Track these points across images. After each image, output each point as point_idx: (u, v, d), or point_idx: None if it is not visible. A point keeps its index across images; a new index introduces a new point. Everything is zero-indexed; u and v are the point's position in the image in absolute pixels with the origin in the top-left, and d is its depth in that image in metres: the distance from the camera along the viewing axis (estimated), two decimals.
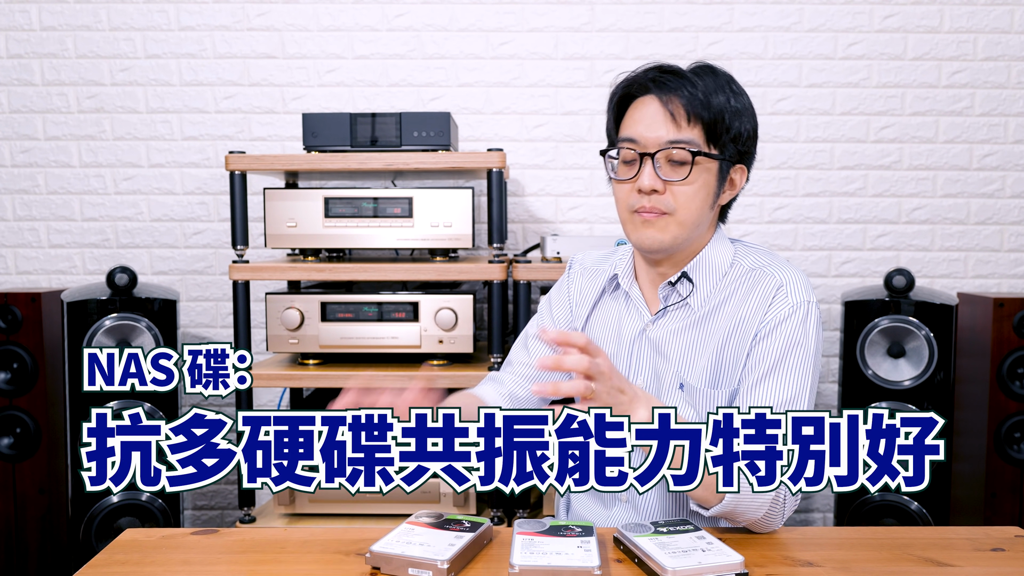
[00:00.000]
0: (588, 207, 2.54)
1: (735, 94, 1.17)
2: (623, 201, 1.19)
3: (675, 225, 1.16)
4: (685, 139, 1.14)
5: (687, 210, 1.16)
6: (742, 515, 1.08)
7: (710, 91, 1.15)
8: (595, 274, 1.35)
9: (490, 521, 1.08)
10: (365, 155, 1.97)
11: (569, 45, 2.50)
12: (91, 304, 2.10)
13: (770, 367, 1.15)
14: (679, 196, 1.15)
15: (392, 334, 2.01)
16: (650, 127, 1.15)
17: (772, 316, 1.16)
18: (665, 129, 1.14)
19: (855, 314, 2.15)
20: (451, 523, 1.04)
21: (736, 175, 1.21)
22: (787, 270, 1.20)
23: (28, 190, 2.54)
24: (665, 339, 1.22)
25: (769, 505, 1.07)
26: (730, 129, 1.16)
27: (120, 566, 1.00)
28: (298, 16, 2.49)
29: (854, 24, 2.48)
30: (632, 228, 1.19)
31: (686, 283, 1.23)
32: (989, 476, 2.19)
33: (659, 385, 1.23)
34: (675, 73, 1.16)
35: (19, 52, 2.50)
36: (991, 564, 1.01)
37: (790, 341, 1.15)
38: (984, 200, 2.53)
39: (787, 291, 1.17)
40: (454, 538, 1.00)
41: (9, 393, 2.21)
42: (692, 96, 1.14)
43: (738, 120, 1.17)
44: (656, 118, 1.15)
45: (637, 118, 1.17)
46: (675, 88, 1.15)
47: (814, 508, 2.61)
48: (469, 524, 1.04)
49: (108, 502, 2.11)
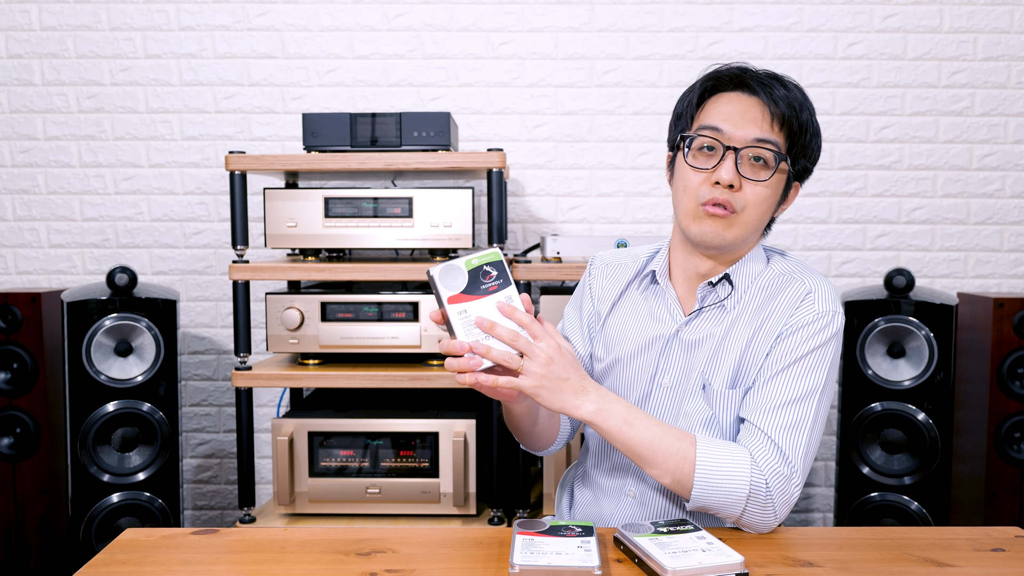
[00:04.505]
0: (588, 207, 2.54)
1: (813, 115, 1.19)
2: (692, 190, 1.17)
3: (740, 225, 1.16)
4: (773, 140, 1.15)
5: (755, 211, 1.16)
6: (724, 496, 1.09)
7: (801, 103, 1.17)
8: (617, 269, 1.35)
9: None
10: (365, 155, 1.97)
11: (569, 45, 2.50)
12: (91, 304, 2.10)
13: (785, 365, 1.15)
14: (751, 197, 1.15)
15: (392, 334, 2.01)
16: (739, 122, 1.14)
17: (796, 319, 1.17)
18: (756, 127, 1.14)
19: (855, 314, 2.15)
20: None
21: (793, 191, 1.23)
22: (818, 279, 1.21)
23: (28, 190, 2.54)
24: (697, 341, 1.22)
25: (746, 502, 1.08)
26: (807, 145, 1.18)
27: (120, 566, 1.00)
28: (298, 16, 2.49)
29: (854, 24, 2.49)
30: (694, 219, 1.17)
31: (726, 285, 1.23)
32: (989, 476, 2.19)
33: (684, 385, 1.23)
34: (773, 76, 1.18)
35: (19, 52, 2.51)
36: (991, 564, 1.01)
37: (809, 344, 1.15)
38: (984, 200, 2.53)
39: (815, 298, 1.18)
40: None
41: (9, 393, 2.21)
42: (787, 101, 1.15)
43: (815, 138, 1.19)
44: (747, 114, 1.15)
45: (726, 110, 1.16)
46: (772, 88, 1.15)
47: (814, 508, 2.61)
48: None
49: (108, 502, 2.11)
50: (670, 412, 1.24)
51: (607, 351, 1.31)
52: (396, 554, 1.03)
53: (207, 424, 2.61)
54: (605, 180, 2.53)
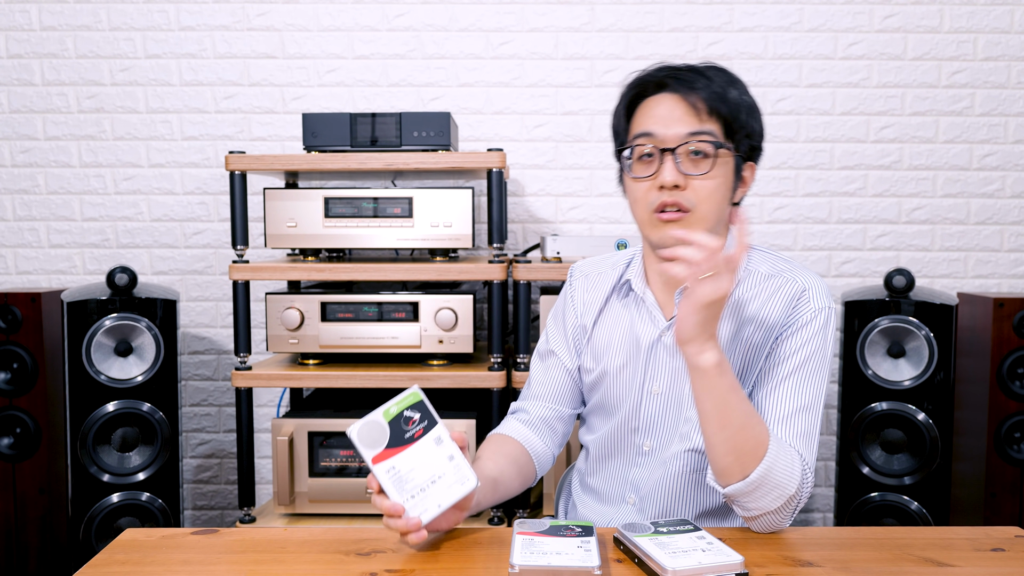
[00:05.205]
0: (588, 207, 2.54)
1: (744, 91, 1.18)
2: (642, 200, 1.16)
3: (697, 222, 1.14)
4: (706, 130, 1.13)
5: (708, 205, 1.14)
6: (771, 489, 1.07)
7: (725, 86, 1.15)
8: (598, 278, 1.34)
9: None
10: (365, 155, 1.97)
11: (569, 45, 2.50)
12: (91, 304, 2.10)
13: (791, 370, 1.16)
14: (700, 191, 1.13)
15: (392, 334, 2.01)
16: (669, 122, 1.14)
17: (795, 319, 1.17)
18: (685, 123, 1.13)
19: (855, 314, 2.15)
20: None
21: (747, 172, 1.21)
22: (809, 276, 1.21)
23: (28, 190, 2.54)
24: None
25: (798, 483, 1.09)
26: (745, 125, 1.16)
27: (120, 566, 1.00)
28: (298, 16, 2.49)
29: (854, 24, 2.48)
30: (653, 228, 1.16)
31: None
32: (989, 476, 2.19)
33: (680, 390, 1.23)
34: (690, 69, 1.16)
35: (19, 52, 2.50)
36: (991, 564, 1.01)
37: (811, 346, 1.16)
38: (984, 200, 2.53)
39: (810, 296, 1.18)
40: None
41: (9, 393, 2.21)
42: (710, 90, 1.14)
43: (751, 117, 1.17)
44: (675, 112, 1.14)
45: (654, 114, 1.16)
46: (691, 82, 1.14)
47: (814, 508, 2.61)
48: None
49: (108, 502, 2.11)
50: (668, 419, 1.24)
51: (596, 362, 1.30)
52: (396, 554, 1.03)
53: (207, 424, 2.61)
54: (605, 180, 2.52)
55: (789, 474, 1.08)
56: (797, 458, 1.11)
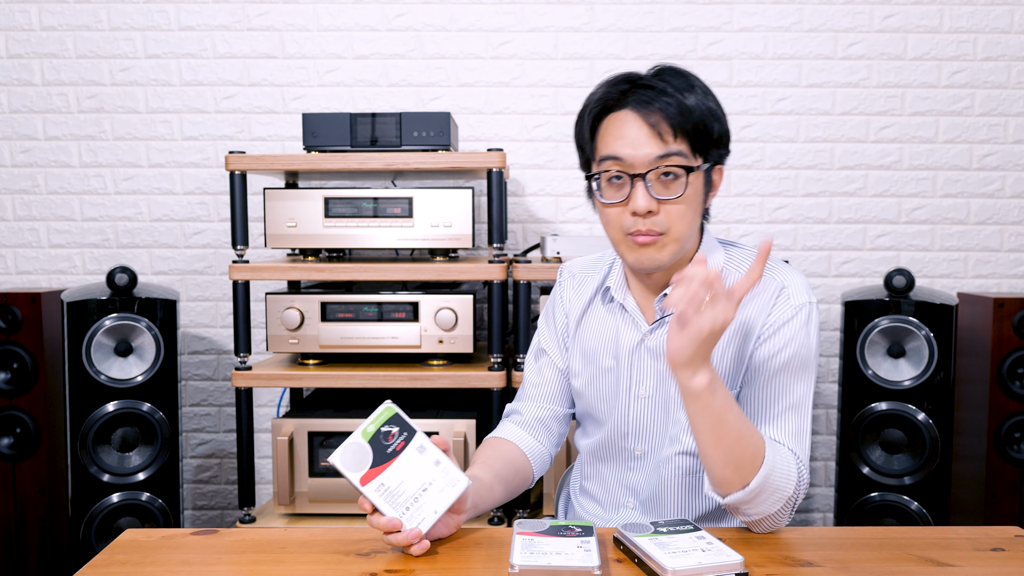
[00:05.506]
0: (588, 207, 2.52)
1: (705, 94, 1.14)
2: (615, 223, 1.15)
3: (671, 243, 1.14)
4: (674, 151, 1.11)
5: (680, 225, 1.13)
6: (771, 494, 1.07)
7: (685, 97, 1.11)
8: (583, 280, 1.34)
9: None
10: (365, 155, 1.97)
11: (569, 45, 2.50)
12: (91, 304, 2.10)
13: (776, 369, 1.15)
14: (673, 213, 1.12)
15: (392, 334, 2.01)
16: (636, 146, 1.11)
17: (775, 318, 1.16)
18: (654, 144, 1.11)
19: (855, 314, 2.15)
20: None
21: (716, 176, 1.20)
22: (786, 272, 1.20)
23: (28, 190, 2.54)
24: (664, 347, 1.22)
25: (795, 483, 1.08)
26: (711, 134, 1.14)
27: (120, 566, 1.00)
28: (298, 16, 2.49)
29: (854, 24, 2.48)
30: (627, 249, 1.16)
31: None
32: (989, 476, 2.19)
33: (667, 393, 1.23)
34: (648, 86, 1.12)
35: (19, 52, 2.50)
36: (991, 564, 1.01)
37: (795, 343, 1.15)
38: (984, 200, 2.53)
39: (789, 293, 1.17)
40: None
41: (9, 393, 2.21)
42: (671, 107, 1.10)
43: (716, 123, 1.15)
44: (640, 136, 1.11)
45: (619, 135, 1.13)
46: (651, 101, 1.11)
47: (814, 508, 2.61)
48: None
49: (108, 502, 2.11)
50: (657, 422, 1.24)
51: (584, 365, 1.31)
52: (396, 554, 1.03)
53: (207, 424, 2.61)
54: None
55: (787, 477, 1.08)
56: (792, 459, 1.11)
